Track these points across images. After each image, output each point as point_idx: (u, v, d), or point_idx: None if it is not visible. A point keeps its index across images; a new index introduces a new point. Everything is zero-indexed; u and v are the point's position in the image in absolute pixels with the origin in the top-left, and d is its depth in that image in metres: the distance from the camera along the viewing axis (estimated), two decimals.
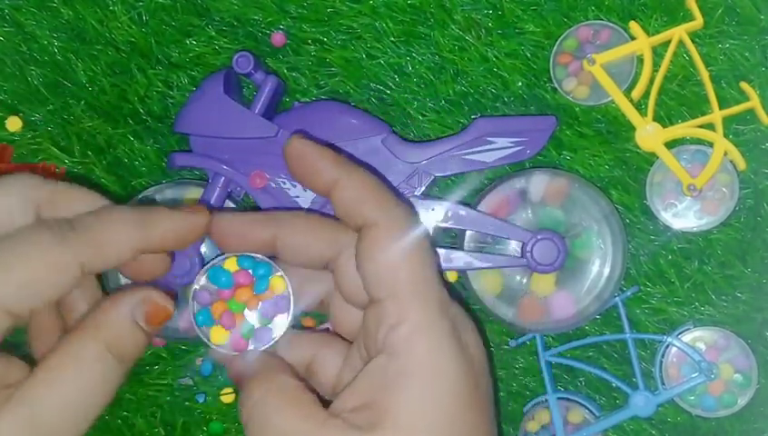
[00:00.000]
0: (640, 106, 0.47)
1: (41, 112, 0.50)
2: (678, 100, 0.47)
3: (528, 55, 0.48)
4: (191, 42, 0.49)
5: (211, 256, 0.46)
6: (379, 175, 0.42)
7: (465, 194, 0.47)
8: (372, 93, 0.49)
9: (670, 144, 0.46)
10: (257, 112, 0.46)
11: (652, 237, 0.47)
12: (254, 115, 0.46)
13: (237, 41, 0.49)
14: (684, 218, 0.47)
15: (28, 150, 0.50)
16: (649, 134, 0.46)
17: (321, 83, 0.49)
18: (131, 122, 0.50)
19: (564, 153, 0.48)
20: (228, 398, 0.50)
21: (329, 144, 0.38)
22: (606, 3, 0.47)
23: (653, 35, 0.46)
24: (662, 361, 0.47)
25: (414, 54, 0.48)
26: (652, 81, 0.46)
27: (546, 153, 0.47)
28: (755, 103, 0.46)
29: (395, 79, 0.48)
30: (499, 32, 0.48)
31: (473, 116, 0.48)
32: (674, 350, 0.47)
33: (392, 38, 0.48)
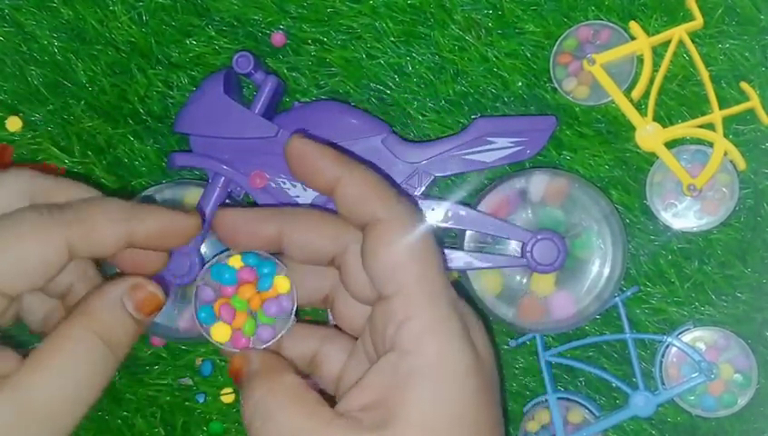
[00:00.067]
0: (640, 106, 0.47)
1: (41, 112, 0.50)
2: (678, 100, 0.47)
3: (528, 55, 0.48)
4: (191, 42, 0.49)
5: (211, 256, 0.46)
6: (382, 172, 0.42)
7: (465, 194, 0.47)
8: (372, 93, 0.49)
9: (670, 144, 0.46)
10: (257, 112, 0.46)
11: (652, 237, 0.47)
12: (254, 115, 0.46)
13: (237, 41, 0.49)
14: (684, 218, 0.47)
15: (28, 150, 0.50)
16: (649, 134, 0.46)
17: (321, 83, 0.49)
18: (131, 122, 0.50)
19: (564, 153, 0.48)
20: (228, 398, 0.50)
21: (329, 143, 0.38)
22: (606, 3, 0.47)
23: (653, 35, 0.46)
24: (662, 361, 0.47)
25: (414, 54, 0.48)
26: (652, 81, 0.46)
27: (546, 153, 0.47)
28: (755, 103, 0.46)
29: (395, 79, 0.48)
30: (499, 32, 0.48)
31: (473, 116, 0.48)
32: (674, 350, 0.47)
33: (392, 38, 0.48)
